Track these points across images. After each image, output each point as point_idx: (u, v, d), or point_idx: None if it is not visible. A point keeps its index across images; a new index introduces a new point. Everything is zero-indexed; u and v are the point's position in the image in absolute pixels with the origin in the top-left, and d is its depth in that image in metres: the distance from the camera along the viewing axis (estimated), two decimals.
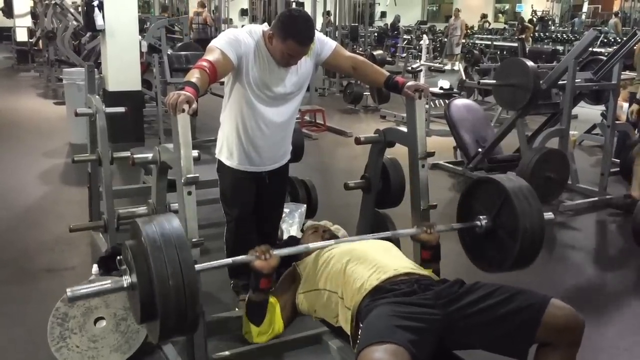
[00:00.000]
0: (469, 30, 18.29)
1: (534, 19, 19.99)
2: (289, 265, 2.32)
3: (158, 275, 1.62)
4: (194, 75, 2.13)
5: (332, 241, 2.22)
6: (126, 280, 1.74)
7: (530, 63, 4.95)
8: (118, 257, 1.79)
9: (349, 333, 1.96)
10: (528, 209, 2.14)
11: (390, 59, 11.99)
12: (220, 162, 2.73)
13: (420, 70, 8.55)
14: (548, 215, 2.24)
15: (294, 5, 9.95)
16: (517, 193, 2.16)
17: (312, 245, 2.19)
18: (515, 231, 2.14)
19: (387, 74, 2.60)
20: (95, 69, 4.02)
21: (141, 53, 6.51)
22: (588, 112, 7.54)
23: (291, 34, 2.35)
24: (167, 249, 1.65)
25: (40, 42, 12.28)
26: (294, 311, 2.22)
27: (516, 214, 2.13)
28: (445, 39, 16.79)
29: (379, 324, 1.73)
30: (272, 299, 2.15)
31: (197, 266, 1.82)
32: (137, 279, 1.68)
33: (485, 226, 2.26)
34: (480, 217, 2.27)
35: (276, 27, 2.39)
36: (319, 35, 2.59)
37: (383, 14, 24.06)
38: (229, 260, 2.08)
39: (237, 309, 2.78)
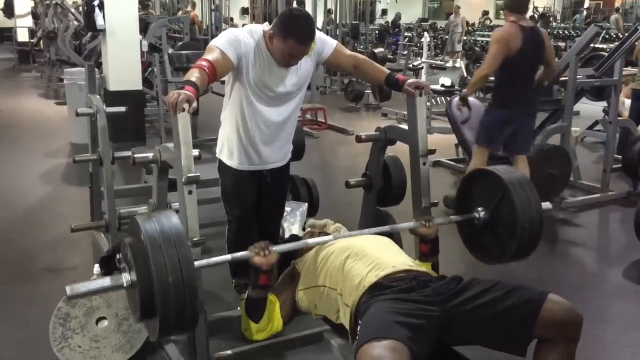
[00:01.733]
0: (469, 27, 18.24)
1: (536, 15, 19.94)
2: (289, 263, 2.32)
3: (157, 273, 1.61)
4: (193, 75, 2.13)
5: (330, 236, 2.22)
6: (125, 278, 1.74)
7: None
8: (117, 256, 1.79)
9: (348, 330, 1.96)
10: (527, 205, 2.12)
11: (391, 56, 11.99)
12: (221, 161, 2.72)
13: (422, 68, 8.55)
14: (546, 205, 2.23)
15: (294, 4, 9.93)
16: (516, 187, 2.15)
17: (311, 240, 2.19)
18: (513, 227, 2.13)
19: (388, 71, 2.60)
20: (96, 69, 4.02)
21: (142, 52, 6.50)
22: (590, 109, 7.51)
23: (292, 33, 2.35)
24: (166, 247, 1.64)
25: (41, 42, 12.29)
26: (293, 309, 2.22)
27: (515, 210, 2.12)
28: (447, 36, 16.76)
29: (378, 320, 1.73)
30: (271, 297, 2.16)
31: (197, 263, 1.82)
32: (136, 277, 1.68)
33: (483, 218, 2.25)
34: (479, 209, 2.26)
35: (277, 27, 2.38)
36: (319, 35, 2.59)
37: (384, 12, 24.01)
38: (228, 256, 2.08)
39: (239, 308, 2.78)
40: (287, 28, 2.35)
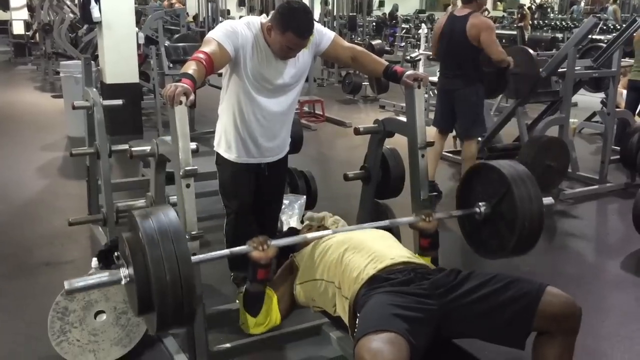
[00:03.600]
0: None
1: (533, 7, 19.89)
2: (287, 257, 2.31)
3: (155, 270, 1.61)
4: (190, 67, 2.11)
5: (329, 231, 2.21)
6: (124, 273, 1.74)
7: (529, 51, 4.93)
8: (115, 253, 1.78)
9: (346, 323, 1.96)
10: (528, 202, 2.12)
11: (388, 48, 11.94)
12: (218, 154, 2.71)
13: (419, 60, 8.52)
14: (547, 200, 2.22)
15: None
16: (518, 184, 2.15)
17: (309, 235, 2.19)
18: (514, 223, 2.13)
19: (386, 63, 2.59)
20: (92, 62, 4.00)
21: (138, 45, 6.47)
22: (588, 100, 7.52)
23: (291, 26, 2.33)
24: (164, 243, 1.64)
25: (37, 35, 12.21)
26: (291, 303, 2.22)
27: (516, 207, 2.12)
28: None
29: (376, 313, 1.72)
30: (269, 291, 2.15)
31: (194, 258, 1.82)
32: (134, 273, 1.68)
33: (484, 213, 2.25)
34: (480, 204, 2.26)
35: (275, 20, 2.37)
36: (317, 26, 2.57)
37: (381, 4, 23.94)
38: (227, 251, 2.08)
39: (237, 301, 2.78)
40: (285, 21, 2.34)
